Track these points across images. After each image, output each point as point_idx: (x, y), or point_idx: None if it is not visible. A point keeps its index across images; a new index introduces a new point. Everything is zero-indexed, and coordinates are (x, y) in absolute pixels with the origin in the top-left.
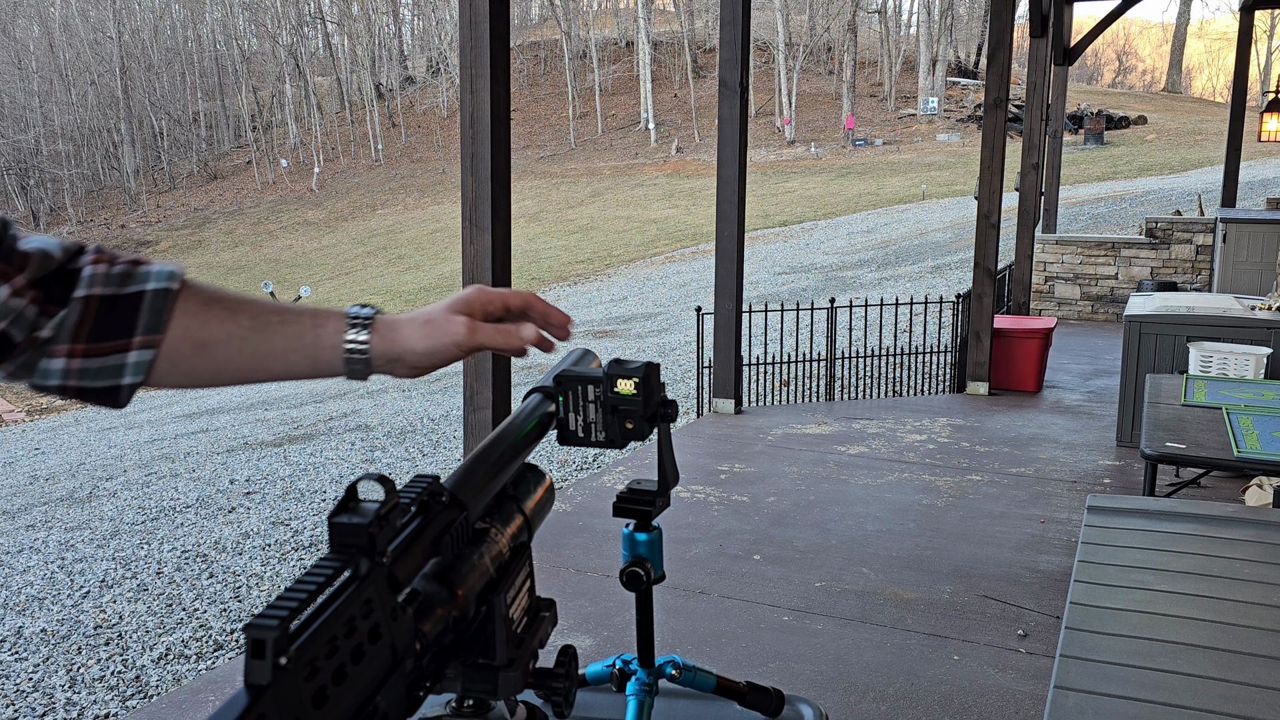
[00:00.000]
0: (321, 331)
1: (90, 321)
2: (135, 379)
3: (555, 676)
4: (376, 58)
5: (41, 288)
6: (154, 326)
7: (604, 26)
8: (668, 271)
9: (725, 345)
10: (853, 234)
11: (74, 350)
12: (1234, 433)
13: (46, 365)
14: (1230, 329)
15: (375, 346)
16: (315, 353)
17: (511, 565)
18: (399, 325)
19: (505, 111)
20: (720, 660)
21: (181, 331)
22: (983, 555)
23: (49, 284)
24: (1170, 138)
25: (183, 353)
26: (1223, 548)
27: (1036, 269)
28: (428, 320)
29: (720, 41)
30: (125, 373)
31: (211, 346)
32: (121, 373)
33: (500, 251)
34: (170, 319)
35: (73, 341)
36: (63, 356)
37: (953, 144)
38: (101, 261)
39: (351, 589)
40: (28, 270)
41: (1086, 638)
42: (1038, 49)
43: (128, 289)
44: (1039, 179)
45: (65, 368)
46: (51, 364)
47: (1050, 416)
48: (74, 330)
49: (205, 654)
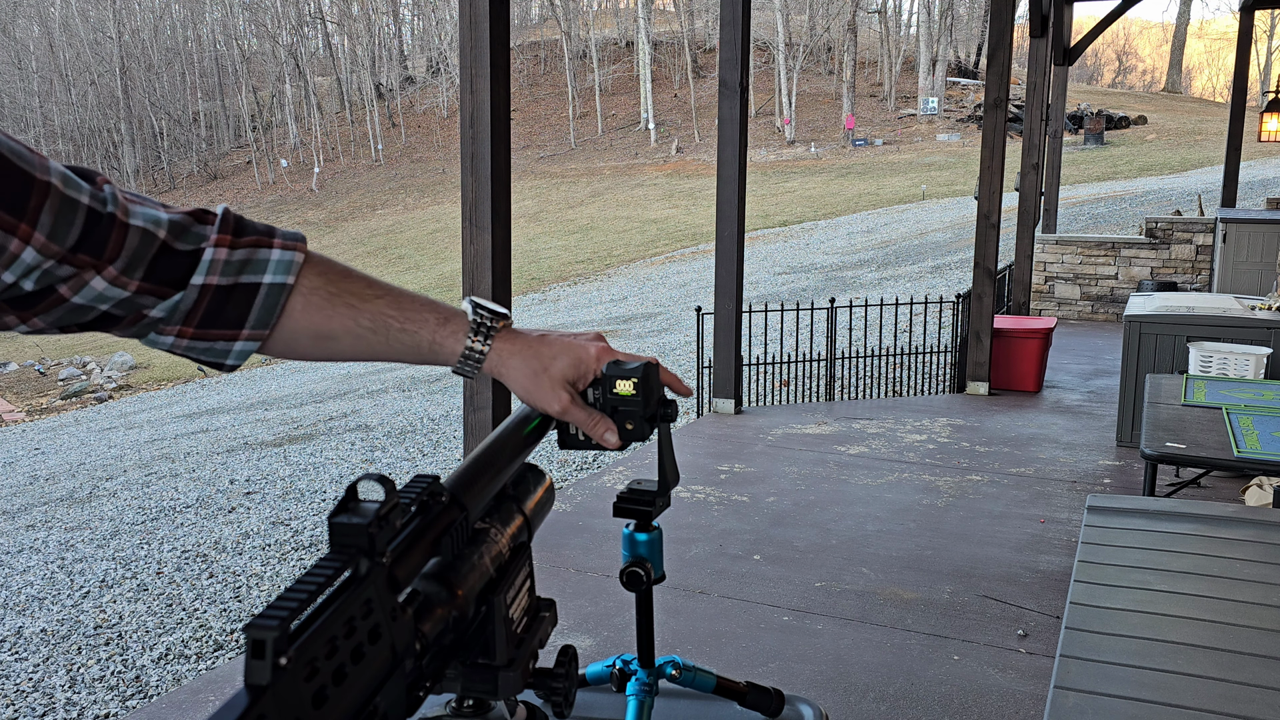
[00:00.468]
0: (440, 344)
1: (203, 310)
2: (238, 362)
3: (555, 676)
4: (376, 58)
5: (145, 273)
6: (263, 322)
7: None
8: (668, 271)
9: (725, 345)
10: (853, 234)
11: (183, 332)
12: (1234, 433)
13: (156, 337)
14: (1230, 329)
15: (488, 362)
16: (429, 357)
17: (511, 565)
18: (512, 354)
19: (505, 111)
20: (720, 660)
21: (305, 322)
22: (983, 555)
23: (156, 264)
24: (1170, 138)
25: (301, 340)
26: (1223, 548)
27: (1036, 269)
28: (537, 373)
29: (720, 41)
30: (230, 356)
31: (330, 340)
32: (226, 355)
33: (500, 251)
34: (282, 314)
35: (183, 324)
36: (172, 335)
37: (953, 144)
38: (223, 244)
39: (351, 589)
40: (119, 260)
41: (1086, 638)
42: (1038, 49)
43: (244, 279)
44: (1039, 179)
45: (174, 343)
46: (161, 338)
47: (1050, 416)
48: (186, 315)
49: (205, 654)
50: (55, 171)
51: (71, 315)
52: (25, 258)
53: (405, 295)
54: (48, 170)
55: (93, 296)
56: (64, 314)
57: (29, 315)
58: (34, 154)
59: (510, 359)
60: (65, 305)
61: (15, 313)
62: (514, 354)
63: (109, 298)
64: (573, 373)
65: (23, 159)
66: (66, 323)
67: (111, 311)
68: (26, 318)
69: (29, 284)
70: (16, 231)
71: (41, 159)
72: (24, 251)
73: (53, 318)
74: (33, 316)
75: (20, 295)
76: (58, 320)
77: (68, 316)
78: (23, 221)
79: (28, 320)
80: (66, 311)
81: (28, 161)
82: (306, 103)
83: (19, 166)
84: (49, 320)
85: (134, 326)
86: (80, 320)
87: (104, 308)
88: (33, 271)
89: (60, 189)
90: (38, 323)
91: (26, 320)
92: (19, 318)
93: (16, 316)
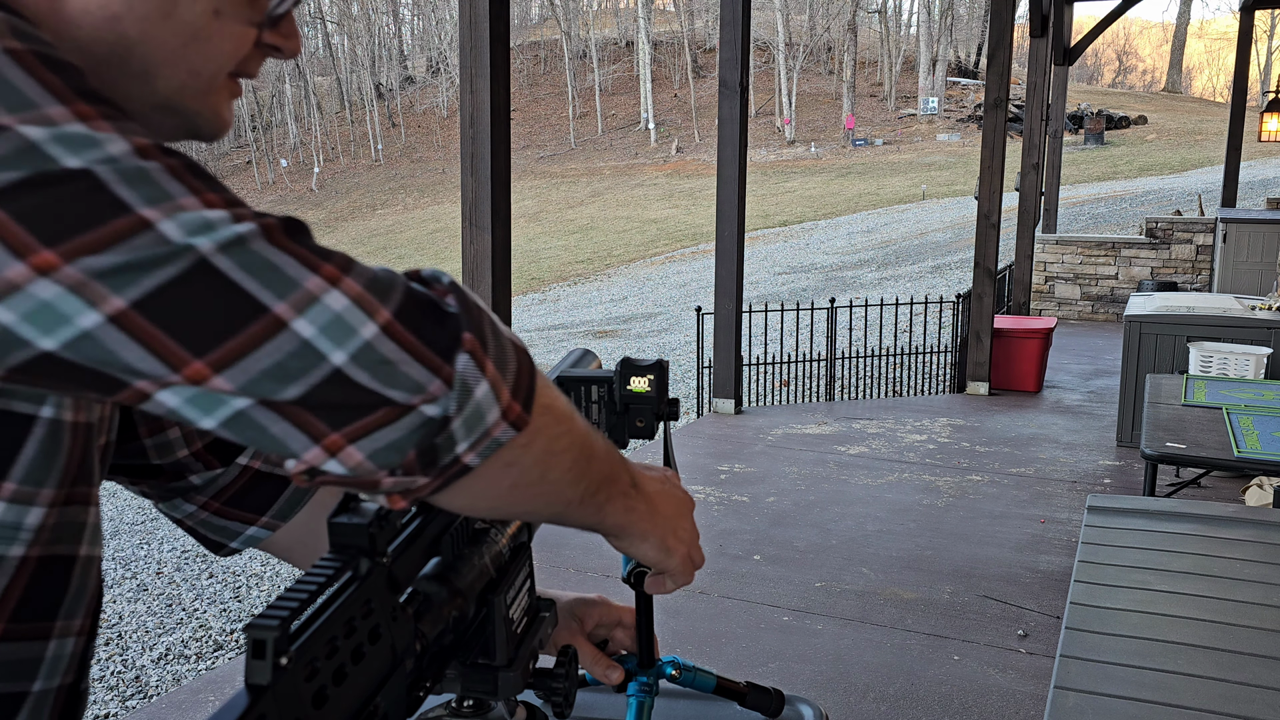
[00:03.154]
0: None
1: (235, 489)
2: (241, 547)
3: (555, 677)
4: (376, 57)
5: (211, 445)
6: (283, 514)
7: (604, 26)
8: (668, 271)
9: (725, 345)
10: (853, 234)
11: (209, 505)
12: (1234, 433)
13: (181, 503)
14: (1230, 329)
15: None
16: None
17: (511, 565)
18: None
19: (505, 111)
20: (720, 660)
21: (314, 521)
22: (983, 555)
23: (217, 447)
24: (1170, 138)
25: (304, 534)
26: (1223, 548)
27: (1036, 269)
28: (577, 601)
29: (720, 41)
30: (236, 540)
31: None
32: (233, 538)
33: (500, 251)
34: (302, 510)
35: (212, 498)
36: (196, 506)
37: (953, 144)
38: None
39: (351, 589)
40: (202, 435)
41: (1087, 638)
42: (1038, 49)
43: (280, 471)
44: (1039, 179)
45: (193, 513)
46: (185, 505)
47: (1050, 416)
48: (219, 491)
49: (205, 654)
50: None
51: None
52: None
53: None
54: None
55: (163, 444)
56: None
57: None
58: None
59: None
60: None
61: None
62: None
63: (182, 464)
64: (581, 609)
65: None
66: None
67: (163, 464)
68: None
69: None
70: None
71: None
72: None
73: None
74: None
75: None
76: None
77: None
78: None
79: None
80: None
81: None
82: (306, 102)
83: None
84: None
85: (170, 484)
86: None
87: (160, 461)
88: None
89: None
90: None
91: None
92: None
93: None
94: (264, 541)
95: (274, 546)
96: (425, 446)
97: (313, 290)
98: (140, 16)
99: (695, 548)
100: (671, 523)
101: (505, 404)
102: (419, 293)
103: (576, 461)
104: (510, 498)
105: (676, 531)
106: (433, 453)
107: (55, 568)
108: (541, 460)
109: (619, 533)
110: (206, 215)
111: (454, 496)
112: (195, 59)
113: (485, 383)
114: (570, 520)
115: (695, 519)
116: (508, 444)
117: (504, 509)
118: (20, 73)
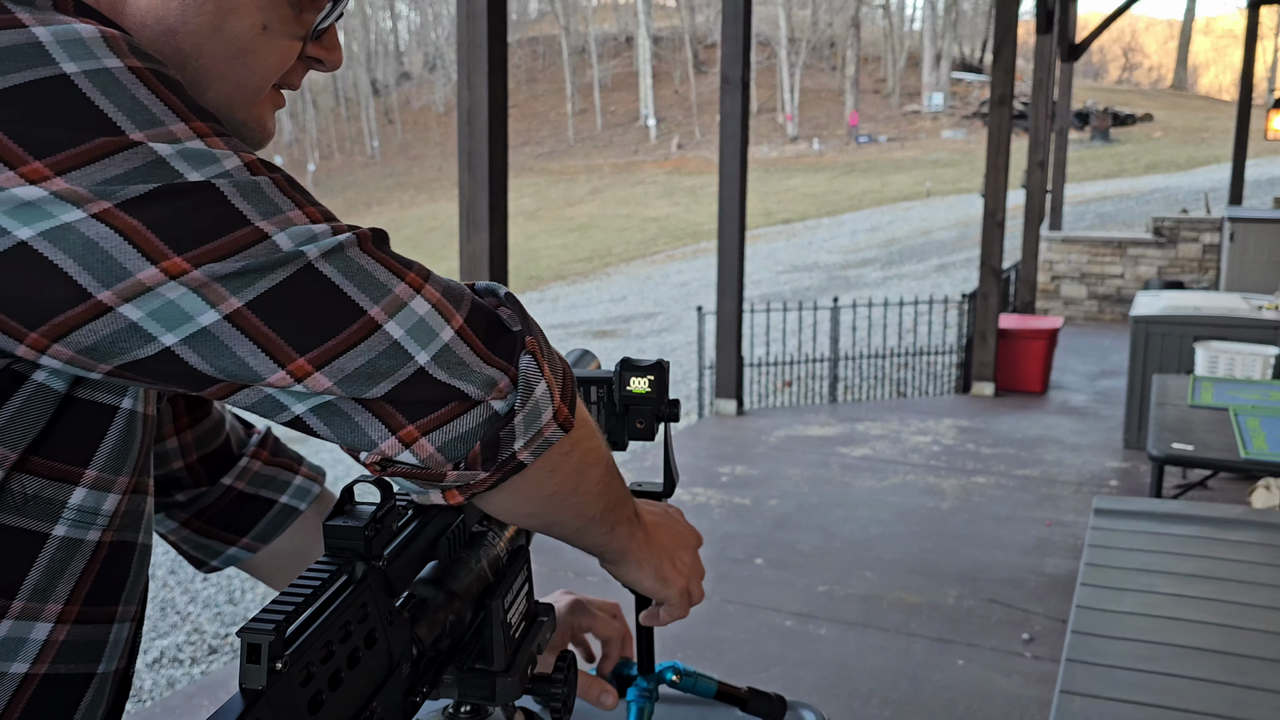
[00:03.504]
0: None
1: (219, 509)
2: (221, 565)
3: (554, 682)
4: (372, 53)
5: (201, 458)
6: (264, 536)
7: (603, 21)
8: (668, 270)
9: (727, 345)
10: (856, 232)
11: (190, 523)
12: (1241, 434)
13: (164, 518)
14: (1238, 329)
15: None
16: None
17: (509, 569)
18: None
19: (503, 108)
20: (721, 665)
21: (288, 545)
22: (988, 559)
23: (210, 458)
24: (1177, 135)
25: (282, 559)
26: (1230, 550)
27: (1043, 268)
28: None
29: (722, 36)
30: (217, 558)
31: (307, 559)
32: (214, 556)
33: (498, 250)
34: (283, 534)
35: (194, 516)
36: (178, 523)
37: (958, 141)
38: (259, 458)
39: (347, 593)
40: (196, 451)
41: (1093, 642)
42: (1043, 45)
43: (264, 493)
44: (1045, 177)
45: (175, 529)
46: (168, 521)
47: (1056, 418)
48: (202, 510)
49: (200, 658)
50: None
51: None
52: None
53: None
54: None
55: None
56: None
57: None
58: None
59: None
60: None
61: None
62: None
63: (175, 475)
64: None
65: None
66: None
67: (157, 475)
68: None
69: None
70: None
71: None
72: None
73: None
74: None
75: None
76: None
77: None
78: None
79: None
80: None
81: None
82: (301, 99)
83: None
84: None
85: (157, 499)
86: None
87: (156, 471)
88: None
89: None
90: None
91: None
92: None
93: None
94: (245, 562)
95: (256, 568)
96: (489, 439)
97: (401, 295)
98: (193, 31)
99: (696, 583)
100: (669, 553)
101: (556, 405)
102: (481, 303)
103: (603, 477)
104: (549, 505)
105: (674, 562)
106: (495, 446)
107: (122, 554)
108: (578, 471)
109: (620, 558)
110: (312, 228)
111: (504, 497)
112: (243, 72)
113: (544, 383)
114: (586, 536)
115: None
116: (554, 448)
117: (541, 516)
118: (146, 91)
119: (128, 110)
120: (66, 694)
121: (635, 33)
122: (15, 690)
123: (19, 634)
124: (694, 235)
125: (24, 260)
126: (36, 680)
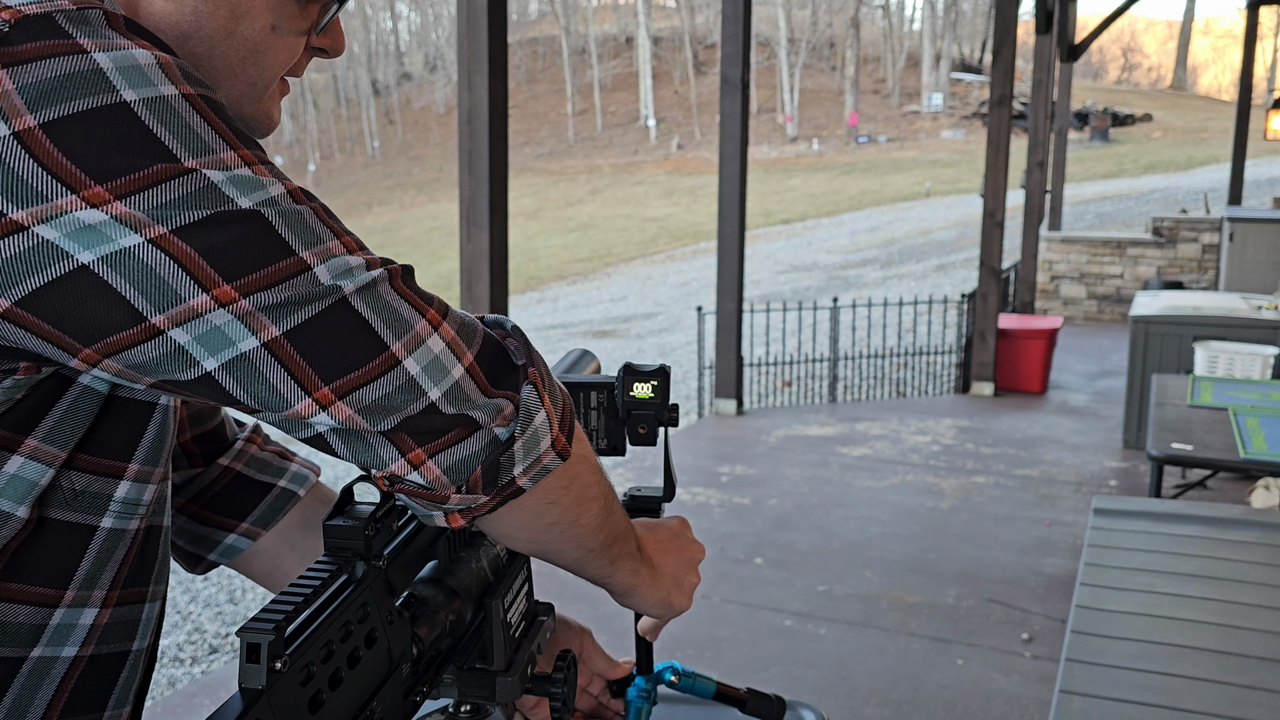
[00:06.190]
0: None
1: (216, 491)
2: (218, 559)
3: (554, 682)
4: (373, 54)
5: (197, 439)
6: (264, 521)
7: (603, 22)
8: (668, 270)
9: (727, 345)
10: (856, 232)
11: (186, 508)
12: (1240, 434)
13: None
14: (1237, 329)
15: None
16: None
17: (509, 569)
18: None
19: (503, 108)
20: (721, 666)
21: (288, 533)
22: (987, 558)
23: (204, 438)
24: (1176, 135)
25: (283, 550)
26: (1229, 550)
27: (1042, 268)
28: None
29: (722, 37)
30: (214, 550)
31: (309, 557)
32: (211, 549)
33: (498, 250)
34: (280, 519)
35: (191, 500)
36: (177, 509)
37: (957, 141)
38: (254, 442)
39: (347, 593)
40: (189, 429)
41: (1092, 641)
42: (1043, 45)
43: (262, 476)
44: (1044, 176)
45: (172, 519)
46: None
47: (1056, 418)
48: (198, 493)
49: (200, 658)
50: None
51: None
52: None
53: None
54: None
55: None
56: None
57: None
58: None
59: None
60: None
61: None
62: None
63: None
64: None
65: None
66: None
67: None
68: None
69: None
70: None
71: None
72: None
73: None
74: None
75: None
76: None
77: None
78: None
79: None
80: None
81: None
82: (302, 99)
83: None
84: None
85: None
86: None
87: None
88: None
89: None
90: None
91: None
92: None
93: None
94: (242, 554)
95: (249, 563)
96: (490, 463)
97: (420, 333)
98: (207, 35)
99: (690, 598)
100: (678, 580)
101: (555, 434)
102: (492, 336)
103: (601, 511)
104: (548, 534)
105: (682, 586)
106: (495, 470)
107: (152, 538)
108: (577, 504)
109: (626, 591)
110: (348, 260)
111: (504, 521)
112: (254, 71)
113: (543, 412)
114: (586, 567)
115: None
116: (553, 479)
117: (541, 543)
118: (199, 119)
119: (182, 138)
120: (107, 671)
121: (635, 33)
122: (66, 672)
123: (70, 620)
124: (694, 235)
125: (84, 283)
126: (84, 662)
